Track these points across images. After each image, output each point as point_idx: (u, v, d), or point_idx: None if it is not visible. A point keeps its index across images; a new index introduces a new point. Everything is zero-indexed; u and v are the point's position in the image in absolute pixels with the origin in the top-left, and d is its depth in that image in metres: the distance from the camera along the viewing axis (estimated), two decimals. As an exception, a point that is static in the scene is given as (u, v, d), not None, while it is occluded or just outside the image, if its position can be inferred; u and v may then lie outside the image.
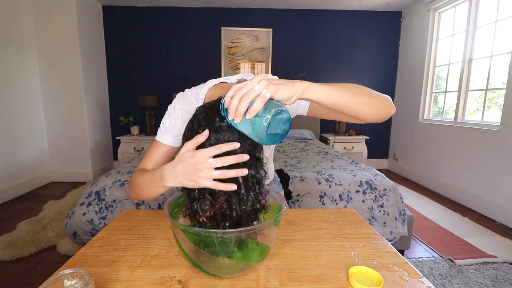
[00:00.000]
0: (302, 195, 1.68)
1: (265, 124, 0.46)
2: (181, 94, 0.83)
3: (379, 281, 0.54)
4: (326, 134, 3.93)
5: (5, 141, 2.70)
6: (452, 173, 2.90)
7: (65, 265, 0.60)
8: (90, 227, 1.59)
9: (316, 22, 3.82)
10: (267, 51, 3.82)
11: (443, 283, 1.50)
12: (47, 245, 1.84)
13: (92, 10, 3.49)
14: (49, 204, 2.54)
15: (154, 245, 0.70)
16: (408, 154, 3.71)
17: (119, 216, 0.88)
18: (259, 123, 0.47)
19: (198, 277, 0.57)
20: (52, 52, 3.14)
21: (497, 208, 2.35)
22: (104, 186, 1.65)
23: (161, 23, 3.73)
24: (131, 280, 0.56)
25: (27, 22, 2.99)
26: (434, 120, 3.29)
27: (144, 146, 3.60)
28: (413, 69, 3.61)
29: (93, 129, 3.48)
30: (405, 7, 3.74)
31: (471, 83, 2.81)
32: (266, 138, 0.48)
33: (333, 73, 3.94)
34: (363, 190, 1.72)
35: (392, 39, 3.91)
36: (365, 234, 0.77)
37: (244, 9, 3.74)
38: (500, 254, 1.79)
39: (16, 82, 2.84)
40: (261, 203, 0.55)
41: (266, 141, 0.49)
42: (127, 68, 3.82)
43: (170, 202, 0.63)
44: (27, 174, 2.96)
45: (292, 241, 0.73)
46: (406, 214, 1.73)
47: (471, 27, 2.76)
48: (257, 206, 0.55)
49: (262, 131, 0.47)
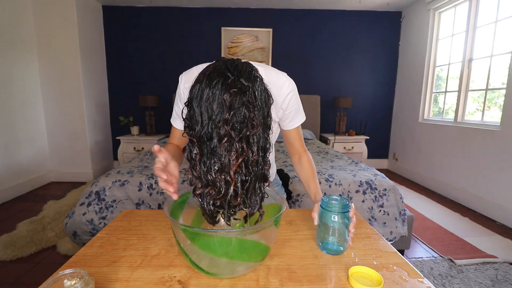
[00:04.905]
0: (302, 195, 1.68)
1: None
2: (184, 73, 0.85)
3: (379, 281, 0.54)
4: (326, 134, 3.93)
5: (5, 141, 2.70)
6: (452, 173, 2.90)
7: (65, 265, 0.60)
8: (90, 227, 1.59)
9: (316, 22, 3.82)
10: (267, 51, 3.82)
11: (443, 283, 1.50)
12: (47, 245, 1.84)
13: (92, 10, 3.48)
14: (49, 204, 2.54)
15: (154, 245, 0.70)
16: (408, 154, 3.71)
17: (119, 216, 0.88)
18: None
19: (198, 277, 0.57)
20: (52, 52, 3.14)
21: (497, 208, 2.35)
22: (104, 186, 1.65)
23: (161, 23, 3.73)
24: (131, 280, 0.56)
25: (27, 22, 2.98)
26: (434, 120, 3.29)
27: (144, 146, 3.60)
28: (413, 69, 3.61)
29: (93, 129, 3.48)
30: (405, 7, 3.74)
31: (471, 83, 2.81)
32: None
33: (333, 73, 3.94)
34: (363, 190, 1.72)
35: (392, 39, 3.91)
36: (365, 234, 0.77)
37: (244, 9, 3.74)
38: (500, 254, 1.79)
39: (16, 82, 2.84)
40: (266, 173, 0.56)
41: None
42: (127, 68, 3.82)
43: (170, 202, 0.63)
44: (27, 174, 2.96)
45: (292, 241, 0.73)
46: (406, 214, 1.73)
47: (471, 27, 2.76)
48: (265, 172, 0.56)
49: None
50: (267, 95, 0.56)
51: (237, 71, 0.53)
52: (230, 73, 0.52)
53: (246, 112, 0.50)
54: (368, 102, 4.04)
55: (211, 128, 0.50)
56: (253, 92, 0.52)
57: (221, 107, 0.49)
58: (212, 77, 0.51)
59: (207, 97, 0.50)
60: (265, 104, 0.55)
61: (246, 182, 0.52)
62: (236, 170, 0.51)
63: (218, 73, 0.52)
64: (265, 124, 0.55)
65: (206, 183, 0.52)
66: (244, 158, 0.51)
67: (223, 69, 0.53)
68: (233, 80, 0.51)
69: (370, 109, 4.06)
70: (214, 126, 0.50)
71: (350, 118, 4.04)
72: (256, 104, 0.52)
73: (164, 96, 3.87)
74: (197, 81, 0.53)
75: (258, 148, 0.52)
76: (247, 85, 0.52)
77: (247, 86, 0.52)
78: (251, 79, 0.53)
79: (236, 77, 0.51)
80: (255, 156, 0.52)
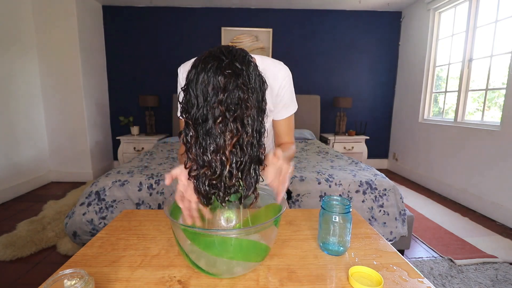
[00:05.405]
0: (302, 195, 1.68)
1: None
2: (182, 65, 0.87)
3: (379, 281, 0.54)
4: (326, 134, 3.93)
5: (5, 141, 2.70)
6: (452, 173, 2.90)
7: (65, 265, 0.60)
8: (90, 227, 1.59)
9: (316, 22, 3.82)
10: (267, 51, 3.82)
11: (443, 283, 1.50)
12: (47, 245, 1.84)
13: (92, 10, 3.48)
14: (49, 204, 2.54)
15: (154, 245, 0.70)
16: (408, 154, 3.71)
17: (119, 216, 0.88)
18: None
19: (198, 277, 0.57)
20: (52, 52, 3.14)
21: (497, 208, 2.35)
22: (104, 186, 1.65)
23: (161, 23, 3.73)
24: (131, 280, 0.56)
25: (27, 22, 2.98)
26: (434, 120, 3.29)
27: (144, 146, 3.60)
28: (413, 69, 3.61)
29: (93, 129, 3.48)
30: (405, 7, 3.74)
31: (471, 83, 2.81)
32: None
33: (333, 73, 3.94)
34: (363, 190, 1.72)
35: (392, 39, 3.91)
36: (365, 234, 0.77)
37: (244, 9, 3.74)
38: (500, 254, 1.79)
39: (16, 82, 2.84)
40: (261, 155, 0.57)
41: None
42: (127, 68, 3.82)
43: (170, 202, 0.63)
44: (27, 174, 2.96)
45: (292, 241, 0.73)
46: (406, 214, 1.73)
47: (471, 27, 2.76)
48: (260, 155, 0.56)
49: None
50: (262, 81, 0.58)
51: (231, 55, 0.54)
52: (225, 56, 0.53)
53: (240, 94, 0.51)
54: (368, 102, 4.04)
55: (206, 110, 0.51)
56: (247, 76, 0.54)
57: (215, 89, 0.51)
58: (207, 61, 0.53)
59: (202, 80, 0.51)
60: (260, 89, 0.57)
61: (241, 164, 0.53)
62: (231, 150, 0.52)
63: (213, 57, 0.53)
64: (259, 108, 0.56)
65: (202, 164, 0.53)
66: (239, 139, 0.52)
67: (218, 53, 0.54)
68: (227, 63, 0.52)
69: (370, 109, 4.06)
70: (209, 108, 0.51)
71: (350, 118, 4.04)
72: (250, 86, 0.54)
73: (164, 96, 3.87)
74: (193, 66, 0.55)
75: (253, 130, 0.54)
76: (241, 68, 0.53)
77: (241, 69, 0.53)
78: (245, 62, 0.54)
79: (230, 60, 0.53)
80: (250, 137, 0.53)
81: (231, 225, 0.71)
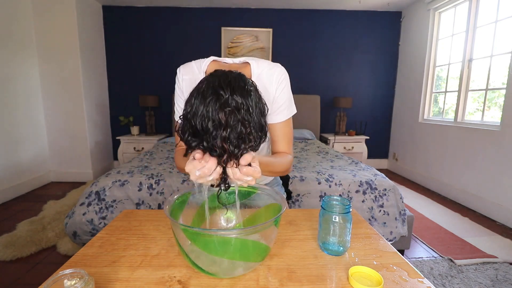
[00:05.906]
0: (302, 195, 1.68)
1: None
2: (181, 66, 0.88)
3: (379, 281, 0.54)
4: (326, 134, 3.93)
5: (5, 141, 2.70)
6: (452, 173, 2.90)
7: (65, 265, 0.60)
8: (90, 227, 1.59)
9: (316, 22, 3.82)
10: (267, 51, 3.82)
11: (443, 283, 1.50)
12: (47, 245, 1.84)
13: (92, 10, 3.49)
14: (49, 204, 2.54)
15: (154, 245, 0.70)
16: (408, 154, 3.71)
17: (119, 216, 0.88)
18: None
19: (198, 277, 0.57)
20: (52, 52, 3.14)
21: (497, 208, 2.35)
22: (104, 186, 1.65)
23: (161, 23, 3.73)
24: (131, 280, 0.56)
25: (27, 22, 2.98)
26: (434, 120, 3.29)
27: (144, 146, 3.60)
28: (413, 69, 3.61)
29: (93, 129, 3.48)
30: (405, 7, 3.74)
31: (471, 83, 2.81)
32: None
33: (333, 73, 3.94)
34: (363, 190, 1.72)
35: (392, 39, 3.91)
36: (365, 234, 0.77)
37: (244, 9, 3.74)
38: (500, 254, 1.79)
39: (16, 82, 2.84)
40: (264, 129, 0.57)
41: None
42: (127, 68, 3.82)
43: (170, 202, 0.63)
44: (27, 174, 2.96)
45: (292, 241, 0.73)
46: (406, 214, 1.73)
47: (471, 27, 2.76)
48: (263, 123, 0.57)
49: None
50: (262, 107, 0.58)
51: (230, 88, 0.53)
52: (223, 91, 0.53)
53: (242, 129, 0.52)
54: (368, 102, 4.04)
55: (207, 142, 0.52)
56: (248, 108, 0.53)
57: (216, 125, 0.51)
58: (206, 94, 0.53)
59: (201, 114, 0.52)
60: (261, 115, 0.57)
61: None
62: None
63: (212, 90, 0.53)
64: (261, 132, 0.57)
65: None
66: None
67: (217, 86, 0.54)
68: (226, 99, 0.52)
69: (370, 109, 4.06)
70: (211, 138, 0.52)
71: (350, 118, 4.04)
72: (251, 119, 0.54)
73: (164, 96, 3.87)
74: (191, 95, 0.55)
75: (252, 147, 0.56)
76: (241, 102, 0.53)
77: (241, 103, 0.53)
78: (244, 94, 0.54)
79: (230, 95, 0.53)
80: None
81: (231, 225, 0.71)
